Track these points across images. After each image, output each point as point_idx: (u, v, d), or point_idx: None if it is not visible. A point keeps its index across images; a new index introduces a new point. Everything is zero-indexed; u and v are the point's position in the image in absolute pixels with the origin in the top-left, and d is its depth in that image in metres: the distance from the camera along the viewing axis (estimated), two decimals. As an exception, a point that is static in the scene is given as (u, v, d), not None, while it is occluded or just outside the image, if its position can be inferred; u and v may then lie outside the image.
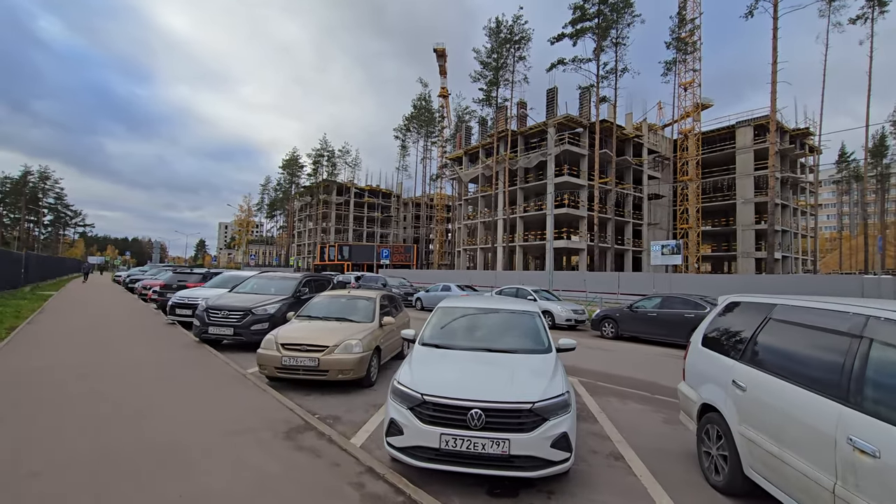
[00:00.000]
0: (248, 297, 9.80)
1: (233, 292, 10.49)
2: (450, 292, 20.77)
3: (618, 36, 35.48)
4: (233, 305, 9.24)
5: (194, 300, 11.86)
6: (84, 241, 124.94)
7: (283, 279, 11.09)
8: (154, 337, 10.20)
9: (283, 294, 10.17)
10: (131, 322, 12.80)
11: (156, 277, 22.96)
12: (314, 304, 7.84)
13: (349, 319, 7.25)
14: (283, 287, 10.60)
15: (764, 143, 46.76)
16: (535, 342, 4.69)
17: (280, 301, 9.68)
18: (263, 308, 9.26)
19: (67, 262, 48.86)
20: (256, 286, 10.76)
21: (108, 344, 9.06)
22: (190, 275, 15.45)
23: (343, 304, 7.80)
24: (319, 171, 77.16)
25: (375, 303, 7.77)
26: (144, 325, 12.38)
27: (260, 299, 9.65)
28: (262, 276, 11.40)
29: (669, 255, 26.11)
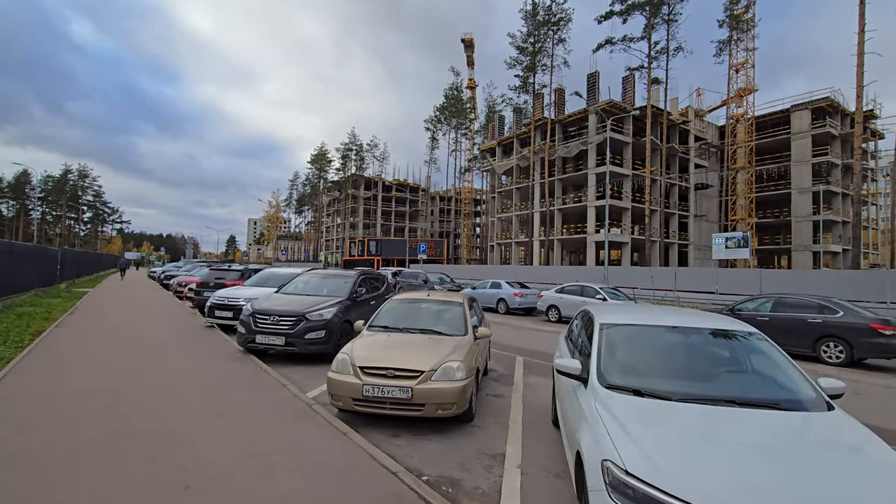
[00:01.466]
0: (298, 300, 8.40)
1: (280, 293, 9.12)
2: (500, 290, 19.13)
3: (670, 12, 32.89)
4: (283, 310, 7.85)
5: (236, 301, 10.61)
6: (121, 238, 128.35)
7: (336, 277, 9.67)
8: (193, 344, 8.92)
9: (337, 295, 8.74)
10: (166, 325, 11.64)
11: (191, 274, 22.12)
12: (388, 310, 6.33)
13: (436, 332, 5.71)
14: (336, 287, 9.17)
15: (823, 128, 43.24)
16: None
17: (336, 304, 8.24)
18: (319, 313, 7.83)
19: (104, 259, 49.35)
20: (305, 286, 9.37)
21: (140, 355, 7.77)
22: (228, 272, 14.28)
23: (425, 311, 6.27)
24: (348, 165, 76.39)
25: (465, 309, 6.21)
26: (181, 328, 11.19)
27: (312, 302, 8.23)
28: (311, 274, 10.00)
29: (735, 248, 23.76)
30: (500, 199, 52.45)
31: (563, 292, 16.02)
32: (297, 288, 9.30)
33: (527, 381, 7.16)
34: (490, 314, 18.26)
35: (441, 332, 5.69)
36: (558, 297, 15.93)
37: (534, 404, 5.85)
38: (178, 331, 10.65)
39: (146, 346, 8.56)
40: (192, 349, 8.42)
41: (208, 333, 10.32)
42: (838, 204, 44.70)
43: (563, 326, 14.93)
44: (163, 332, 10.29)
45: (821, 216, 43.04)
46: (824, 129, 43.15)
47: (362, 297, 9.25)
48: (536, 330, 13.99)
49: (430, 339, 5.45)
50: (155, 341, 9.10)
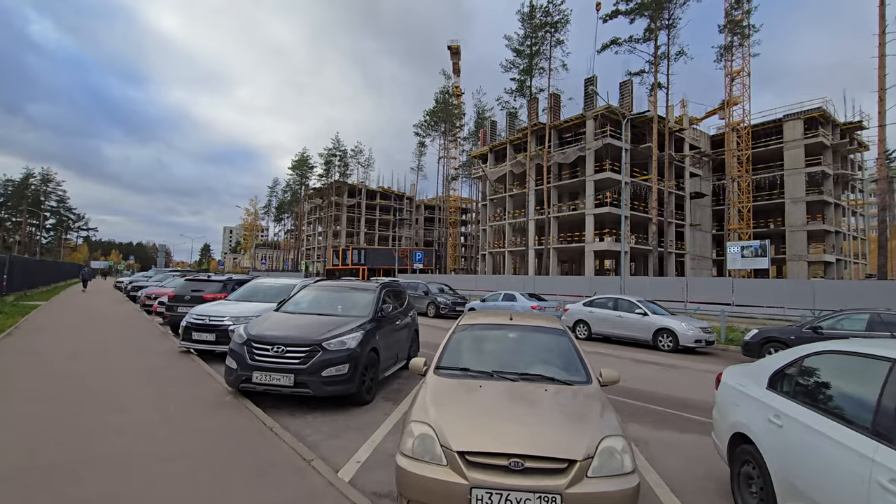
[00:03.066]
0: (307, 322, 6.29)
1: (281, 312, 6.96)
2: (515, 303, 17.24)
3: (670, 17, 32.03)
4: (290, 337, 5.72)
5: (219, 320, 8.43)
6: (87, 246, 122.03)
7: (350, 291, 7.56)
8: (163, 382, 6.64)
9: (356, 315, 6.67)
10: (129, 350, 9.28)
11: (162, 285, 19.55)
12: (463, 343, 4.26)
13: (548, 378, 3.70)
14: (353, 303, 7.08)
15: (816, 138, 43.16)
16: None
17: (358, 327, 6.16)
18: (339, 340, 5.74)
19: (65, 267, 45.44)
20: (313, 302, 7.24)
21: (85, 405, 5.50)
22: (207, 283, 11.95)
23: (519, 344, 4.27)
24: (331, 171, 73.86)
25: (572, 340, 4.25)
26: (148, 355, 8.87)
27: (327, 324, 6.13)
28: (318, 287, 7.88)
29: (752, 257, 22.51)
30: (493, 206, 50.84)
31: (593, 306, 14.20)
32: (302, 305, 7.17)
33: (651, 437, 5.17)
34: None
35: (554, 378, 3.69)
36: (588, 312, 14.09)
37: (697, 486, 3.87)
38: (144, 359, 8.33)
39: (98, 388, 6.27)
40: (162, 391, 6.17)
41: (184, 363, 8.05)
42: (831, 214, 44.59)
43: (598, 345, 13.29)
44: (124, 363, 7.97)
45: (815, 226, 42.82)
46: (817, 138, 43.08)
47: (388, 315, 7.18)
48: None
49: (547, 391, 3.45)
50: (112, 378, 6.81)
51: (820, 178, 44.43)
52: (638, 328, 12.70)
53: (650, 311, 12.81)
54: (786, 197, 44.79)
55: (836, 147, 45.43)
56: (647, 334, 12.47)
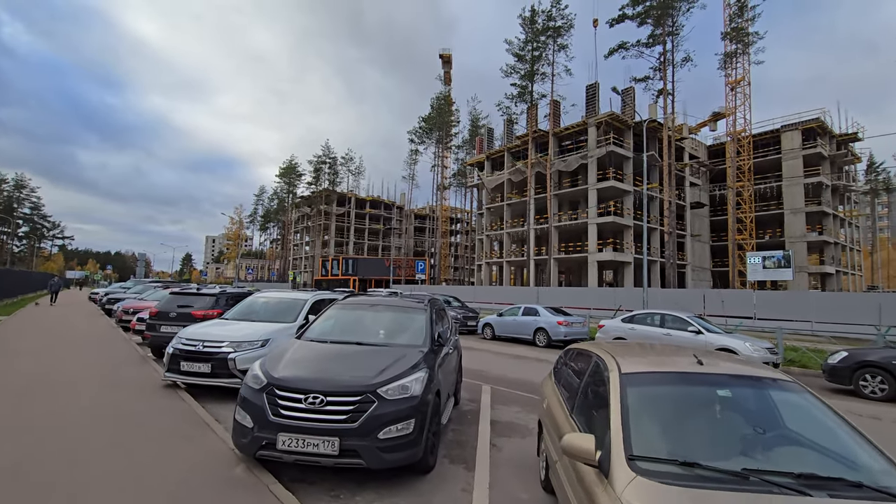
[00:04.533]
0: (346, 355, 4.61)
1: (305, 339, 5.22)
2: (538, 317, 15.64)
3: (674, 24, 31.30)
4: (330, 380, 4.02)
5: (216, 347, 6.68)
6: (63, 255, 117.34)
7: (397, 310, 5.89)
8: (138, 443, 4.81)
9: (409, 342, 5.01)
10: (98, 384, 7.41)
11: (141, 297, 17.49)
12: (649, 400, 2.62)
13: (825, 479, 2.08)
14: (402, 326, 5.43)
15: (814, 148, 42.90)
16: None
17: (419, 363, 4.48)
18: (399, 384, 4.07)
19: (36, 277, 42.38)
20: (347, 325, 5.54)
21: (14, 495, 3.71)
22: (196, 297, 10.08)
23: (736, 405, 2.67)
24: (321, 179, 71.86)
25: (816, 397, 2.65)
26: (124, 391, 7.03)
27: (376, 359, 4.46)
28: (349, 305, 6.18)
29: (774, 268, 21.40)
30: (490, 215, 49.47)
31: (634, 322, 12.70)
32: (333, 330, 5.44)
33: None
34: (525, 348, 14.79)
35: (829, 476, 2.07)
36: (628, 329, 12.57)
37: None
38: (115, 398, 6.49)
39: (46, 453, 4.44)
40: (137, 458, 4.36)
41: (169, 405, 6.23)
42: (830, 225, 44.23)
43: None
44: (89, 404, 6.12)
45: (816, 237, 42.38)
46: (815, 149, 42.84)
47: (444, 341, 5.52)
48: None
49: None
50: (68, 432, 4.97)
51: (818, 189, 44.13)
52: (689, 348, 11.19)
53: (704, 328, 11.34)
54: (784, 208, 44.33)
55: (833, 158, 45.28)
56: (703, 355, 10.97)
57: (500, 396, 7.74)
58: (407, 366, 4.30)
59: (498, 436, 5.56)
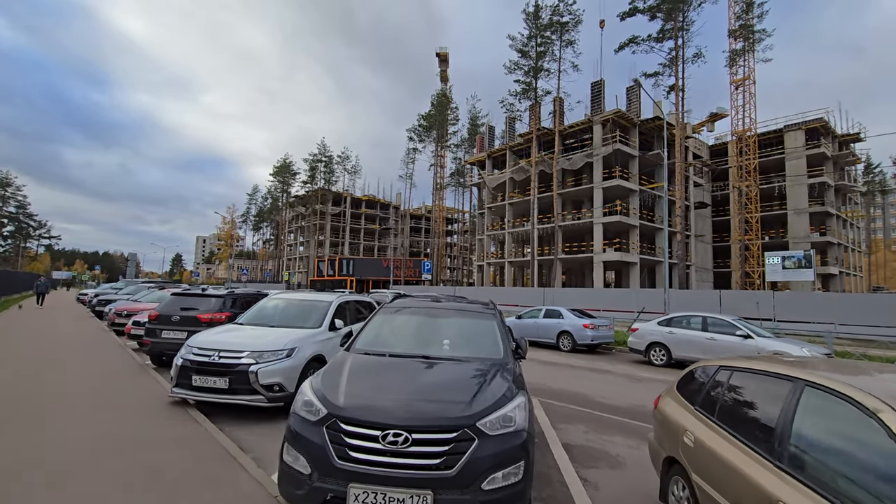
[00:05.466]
0: (417, 372, 3.64)
1: (357, 352, 4.20)
2: (561, 320, 14.74)
3: (684, 19, 30.62)
4: (413, 411, 3.03)
5: (234, 357, 5.68)
6: (50, 255, 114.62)
7: (459, 314, 4.92)
8: (156, 490, 3.81)
9: (487, 355, 4.08)
10: (90, 403, 6.37)
11: (135, 299, 16.30)
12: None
13: None
14: (470, 333, 4.51)
15: (818, 148, 42.60)
16: None
17: (511, 382, 3.54)
18: (502, 414, 3.10)
19: (20, 277, 40.62)
20: (405, 333, 4.58)
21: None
22: (201, 298, 9.02)
23: None
24: (316, 177, 70.52)
25: None
26: (119, 410, 5.99)
27: (467, 376, 3.51)
28: (409, 309, 5.19)
29: (794, 268, 20.73)
30: (490, 215, 48.59)
31: (672, 325, 11.83)
32: (389, 339, 4.47)
33: None
34: (549, 352, 13.89)
35: None
36: (666, 333, 11.70)
37: None
38: (116, 421, 5.46)
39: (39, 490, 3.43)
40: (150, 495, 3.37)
41: (183, 431, 5.21)
42: (833, 225, 43.93)
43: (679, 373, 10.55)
44: (84, 432, 5.08)
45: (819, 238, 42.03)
46: (819, 149, 42.52)
47: (523, 355, 4.57)
48: (661, 380, 9.64)
49: None
50: (61, 469, 3.95)
51: (820, 190, 43.83)
52: (739, 353, 10.37)
53: (752, 332, 10.51)
54: (788, 208, 43.94)
55: (836, 158, 45.04)
56: (753, 362, 10.15)
57: (553, 412, 6.81)
58: (501, 389, 3.34)
59: (582, 466, 4.62)
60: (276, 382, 5.68)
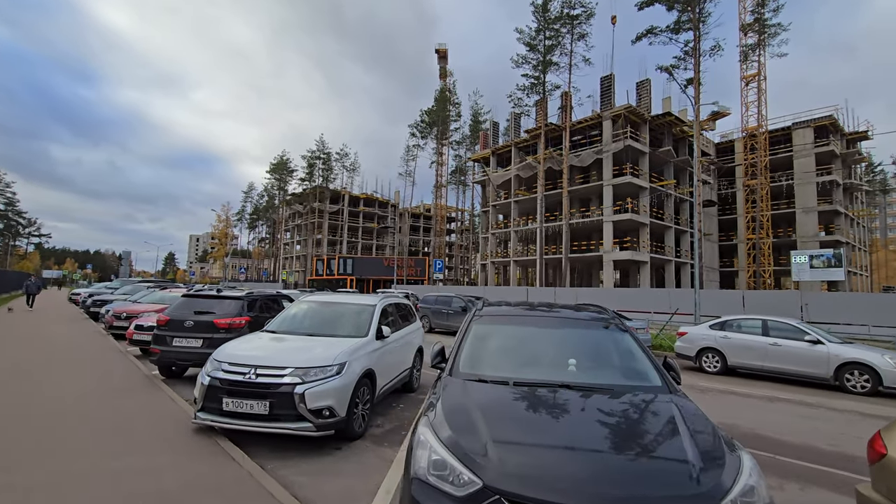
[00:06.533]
0: (574, 410, 2.61)
1: (465, 377, 3.14)
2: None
3: (700, 11, 29.78)
4: (633, 495, 1.97)
5: (274, 374, 4.68)
6: (40, 254, 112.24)
7: (583, 325, 3.85)
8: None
9: (639, 380, 3.03)
10: (97, 435, 5.30)
11: (133, 298, 15.11)
12: None
13: None
14: (600, 349, 3.50)
15: (826, 146, 42.00)
16: None
17: (704, 422, 2.48)
18: (746, 483, 2.04)
19: (9, 276, 38.91)
20: (511, 346, 3.54)
21: None
22: (217, 300, 7.92)
23: None
24: (315, 175, 69.16)
25: None
26: (135, 445, 4.92)
27: (645, 417, 2.50)
28: (509, 318, 4.10)
29: (823, 267, 19.96)
30: (495, 213, 47.61)
31: (726, 329, 10.88)
32: (503, 359, 3.41)
33: None
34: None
35: None
36: (720, 337, 10.75)
37: None
38: (129, 451, 4.38)
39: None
40: None
41: (219, 473, 4.13)
42: (842, 224, 43.36)
43: (746, 382, 9.64)
44: (91, 466, 4.00)
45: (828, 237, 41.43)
46: (828, 147, 41.93)
47: (679, 379, 3.55)
48: (725, 390, 8.67)
49: None
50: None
51: (828, 188, 43.25)
52: (808, 361, 9.44)
53: (823, 337, 9.57)
54: (797, 207, 43.32)
55: (844, 156, 44.48)
56: (825, 369, 9.23)
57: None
58: (709, 438, 2.33)
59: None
60: (327, 406, 4.62)
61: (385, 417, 6.06)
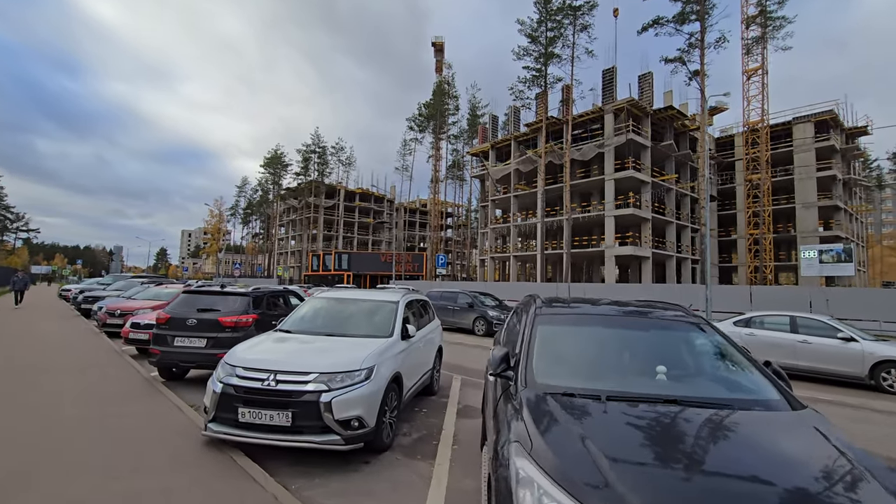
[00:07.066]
0: (714, 440, 2.05)
1: (553, 390, 2.57)
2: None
3: (705, 2, 29.33)
4: None
5: (297, 380, 4.12)
6: (28, 249, 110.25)
7: (662, 324, 3.27)
8: None
9: (757, 394, 2.50)
10: (96, 444, 4.74)
11: (129, 295, 14.46)
12: None
13: None
14: (695, 352, 2.93)
15: (827, 141, 41.85)
16: None
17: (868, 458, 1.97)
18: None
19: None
20: (591, 349, 3.01)
21: None
22: (222, 297, 7.36)
23: None
24: (310, 169, 68.19)
25: None
26: (142, 463, 4.36)
27: (755, 436, 1.96)
28: (576, 316, 3.52)
29: (833, 262, 19.66)
30: (494, 207, 47.09)
31: (751, 325, 10.47)
32: (576, 362, 2.90)
33: None
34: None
35: None
36: (746, 335, 10.33)
37: None
38: (135, 468, 3.83)
39: None
40: None
41: (236, 494, 3.59)
42: (842, 220, 43.32)
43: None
44: (90, 489, 3.45)
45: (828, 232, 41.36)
46: (828, 142, 41.78)
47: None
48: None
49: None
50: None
51: (828, 183, 43.16)
52: (841, 360, 9.05)
53: (856, 335, 9.17)
54: (797, 202, 43.17)
55: (844, 151, 44.39)
56: (860, 368, 8.83)
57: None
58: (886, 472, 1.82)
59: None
60: (356, 416, 4.09)
61: (410, 424, 5.55)
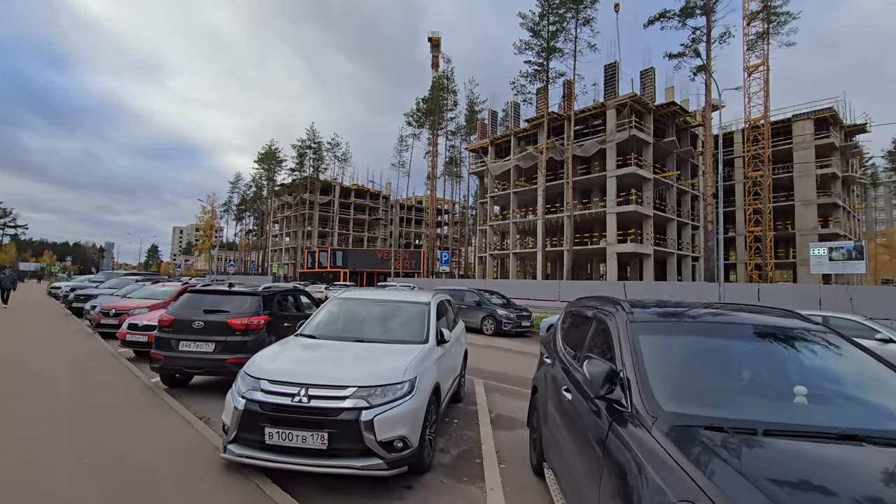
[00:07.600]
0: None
1: (692, 420, 2.03)
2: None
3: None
4: None
5: (332, 395, 3.56)
6: (16, 246, 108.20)
7: (797, 334, 2.71)
8: None
9: None
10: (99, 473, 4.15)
11: (122, 293, 13.78)
12: None
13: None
14: (835, 369, 2.42)
15: (826, 138, 41.77)
16: None
17: None
18: None
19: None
20: (719, 361, 2.47)
21: None
22: (231, 296, 6.78)
23: None
24: (305, 165, 67.26)
25: None
26: (159, 489, 3.78)
27: None
28: (685, 316, 2.99)
29: (843, 260, 19.30)
30: (492, 204, 46.60)
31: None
32: (701, 379, 2.36)
33: None
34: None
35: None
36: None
37: None
38: (149, 502, 3.26)
39: None
40: None
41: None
42: (841, 217, 43.32)
43: None
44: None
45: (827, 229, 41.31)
46: (828, 139, 41.70)
47: None
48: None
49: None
50: None
51: (827, 181, 43.13)
52: (879, 361, 8.63)
53: (893, 334, 8.78)
54: (796, 199, 43.09)
55: (843, 149, 44.37)
56: None
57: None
58: None
59: None
60: (400, 436, 3.55)
61: (444, 438, 5.02)
